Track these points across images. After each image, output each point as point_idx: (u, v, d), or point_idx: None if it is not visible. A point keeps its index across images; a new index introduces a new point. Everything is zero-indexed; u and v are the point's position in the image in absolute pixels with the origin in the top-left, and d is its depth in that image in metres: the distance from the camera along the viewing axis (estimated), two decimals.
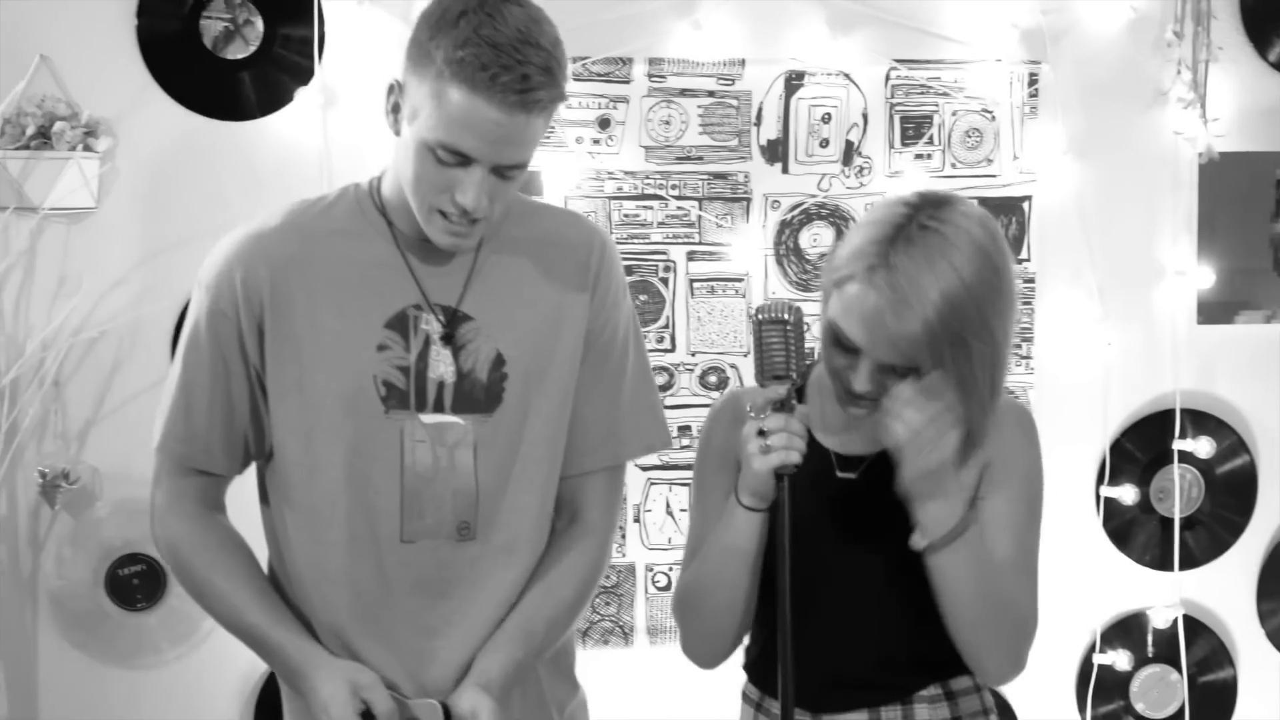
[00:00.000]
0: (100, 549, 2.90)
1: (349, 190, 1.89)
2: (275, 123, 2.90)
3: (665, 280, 3.07)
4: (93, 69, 2.82)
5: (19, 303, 2.83)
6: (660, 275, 3.07)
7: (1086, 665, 3.28)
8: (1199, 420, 3.29)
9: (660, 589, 3.11)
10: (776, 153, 3.08)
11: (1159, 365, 3.27)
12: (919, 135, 3.13)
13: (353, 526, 1.83)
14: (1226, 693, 3.36)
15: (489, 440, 1.84)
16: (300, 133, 2.89)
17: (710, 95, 3.05)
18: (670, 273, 3.07)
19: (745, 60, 3.05)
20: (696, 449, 1.98)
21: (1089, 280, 3.21)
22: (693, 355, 3.10)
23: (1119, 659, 3.27)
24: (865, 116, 3.11)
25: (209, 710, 2.96)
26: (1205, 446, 3.26)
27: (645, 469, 3.07)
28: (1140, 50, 3.20)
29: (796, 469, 1.74)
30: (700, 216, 3.06)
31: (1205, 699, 3.34)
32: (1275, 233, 3.31)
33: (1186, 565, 3.30)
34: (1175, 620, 3.28)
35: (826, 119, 3.10)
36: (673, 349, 3.08)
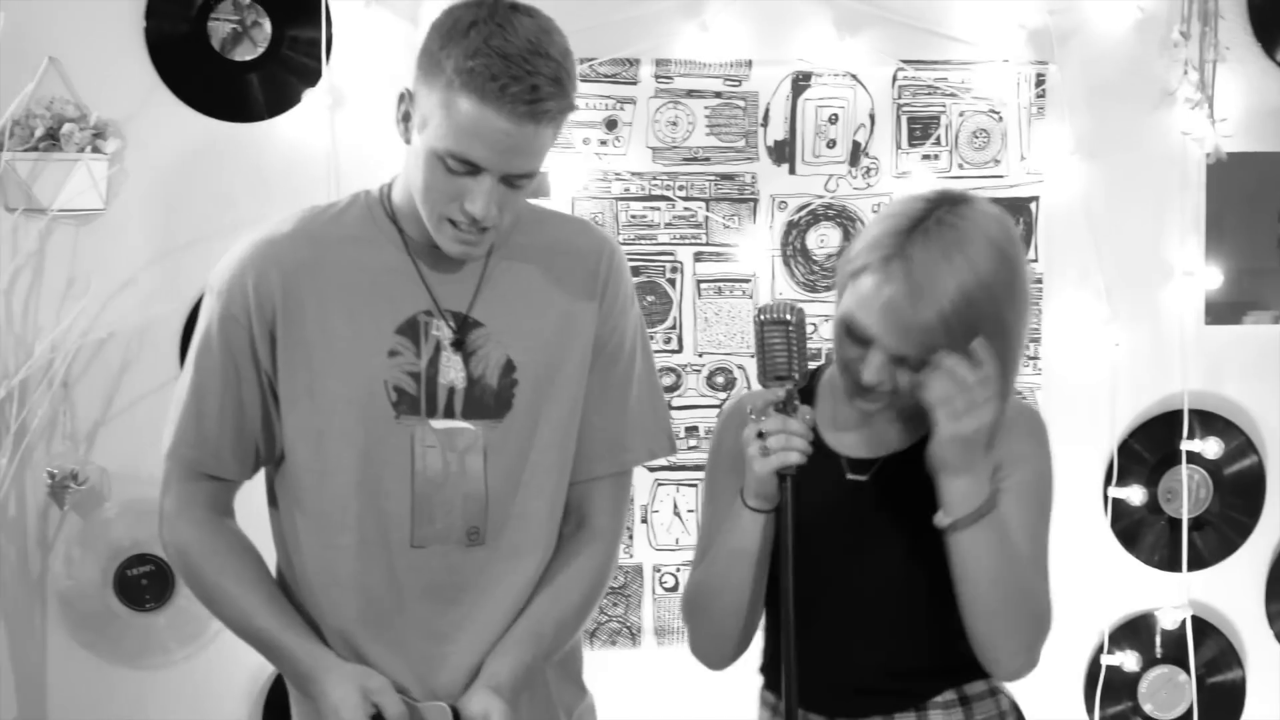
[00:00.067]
0: (109, 549, 2.91)
1: (360, 197, 1.90)
2: (283, 124, 2.90)
3: (672, 281, 3.07)
4: (101, 71, 2.82)
5: (28, 304, 2.83)
6: (667, 276, 3.07)
7: (1095, 666, 3.28)
8: (1207, 421, 3.28)
9: (668, 590, 3.11)
10: (783, 153, 3.08)
11: (1167, 366, 3.26)
12: (926, 136, 3.13)
13: (363, 531, 1.83)
14: (1235, 694, 3.35)
15: (499, 446, 1.85)
16: (308, 134, 2.89)
17: (717, 96, 3.04)
18: (677, 273, 3.07)
19: (752, 61, 3.05)
20: (708, 451, 1.99)
21: (1096, 281, 3.20)
22: (700, 356, 3.10)
23: (1127, 660, 3.26)
24: (872, 117, 3.10)
25: (217, 710, 2.97)
26: (1213, 447, 3.25)
27: (653, 470, 3.06)
28: (1147, 50, 3.19)
29: (798, 469, 1.73)
30: (707, 217, 3.06)
31: (1213, 700, 3.33)
32: None
33: (1195, 566, 3.29)
34: (1183, 621, 3.28)
35: (833, 120, 3.09)
36: (680, 350, 3.08)
